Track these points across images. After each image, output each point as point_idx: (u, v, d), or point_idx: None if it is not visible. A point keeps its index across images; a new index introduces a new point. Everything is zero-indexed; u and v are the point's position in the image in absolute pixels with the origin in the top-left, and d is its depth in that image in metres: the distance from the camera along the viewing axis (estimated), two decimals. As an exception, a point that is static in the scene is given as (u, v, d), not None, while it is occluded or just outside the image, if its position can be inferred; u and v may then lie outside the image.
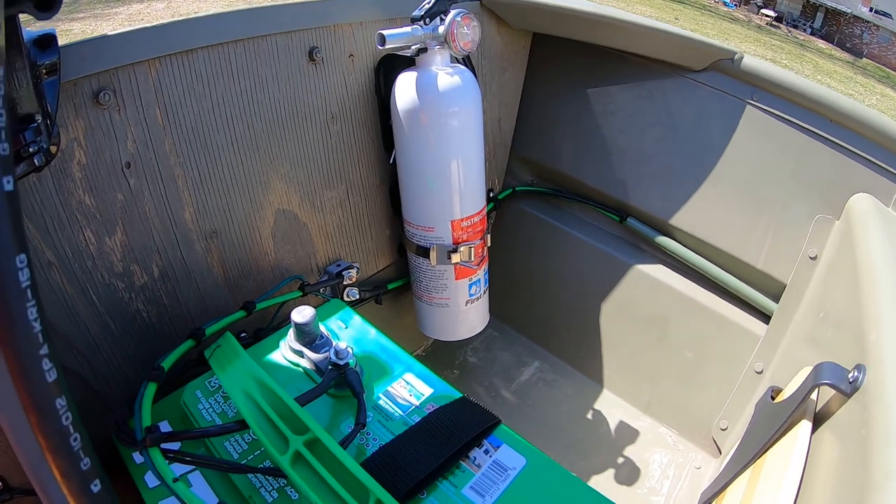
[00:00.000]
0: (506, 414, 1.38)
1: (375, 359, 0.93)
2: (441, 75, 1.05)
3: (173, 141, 0.90)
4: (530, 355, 1.53)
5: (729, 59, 1.15)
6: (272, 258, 1.10)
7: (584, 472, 1.25)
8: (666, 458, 1.28)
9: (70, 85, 0.77)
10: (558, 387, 1.44)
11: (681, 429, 1.33)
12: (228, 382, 0.74)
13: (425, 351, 1.55)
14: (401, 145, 1.12)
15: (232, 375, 0.75)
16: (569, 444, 1.31)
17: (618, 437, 1.33)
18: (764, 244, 1.19)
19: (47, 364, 0.33)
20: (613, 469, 1.26)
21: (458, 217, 1.13)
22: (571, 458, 1.27)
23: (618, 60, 1.29)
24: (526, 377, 1.47)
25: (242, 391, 0.72)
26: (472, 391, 1.44)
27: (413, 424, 0.81)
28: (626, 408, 1.39)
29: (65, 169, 0.80)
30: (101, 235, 0.86)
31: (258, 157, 1.02)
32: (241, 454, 0.76)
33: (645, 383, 1.37)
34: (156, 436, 0.66)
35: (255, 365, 0.75)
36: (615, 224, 1.40)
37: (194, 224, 0.97)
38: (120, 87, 0.82)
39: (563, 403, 1.40)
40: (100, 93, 0.79)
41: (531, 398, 1.42)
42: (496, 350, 1.53)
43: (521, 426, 1.34)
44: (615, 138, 1.35)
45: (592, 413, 1.37)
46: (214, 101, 0.93)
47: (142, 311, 0.94)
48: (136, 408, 0.72)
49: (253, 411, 0.70)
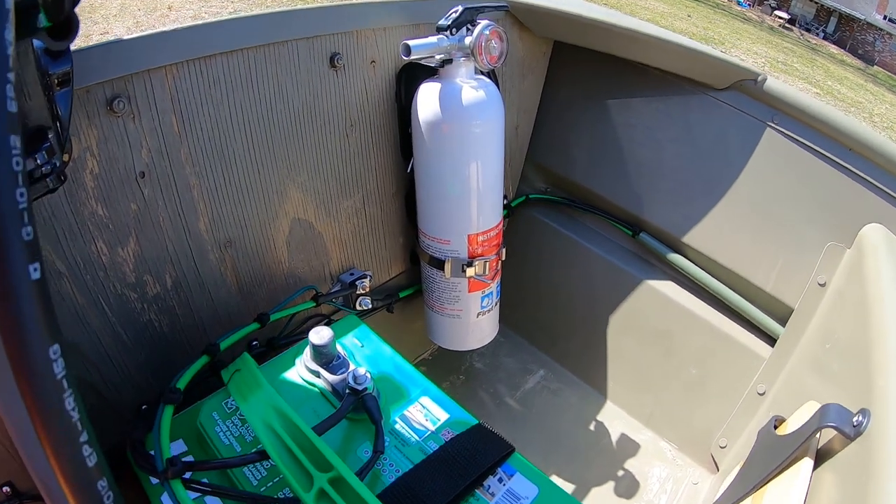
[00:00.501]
0: (510, 422, 1.36)
1: (392, 381, 0.90)
2: (466, 88, 1.00)
3: (189, 149, 0.85)
4: (536, 363, 1.50)
5: (752, 80, 1.11)
6: (286, 267, 1.06)
7: (585, 484, 1.23)
8: (665, 472, 1.27)
9: (83, 92, 0.72)
10: (562, 396, 1.42)
11: (681, 444, 1.32)
12: (250, 412, 0.71)
13: (432, 355, 1.52)
14: (420, 156, 1.07)
15: (253, 405, 0.71)
16: (570, 455, 1.29)
17: (619, 449, 1.31)
18: (774, 268, 1.17)
19: (87, 450, 0.34)
20: (613, 481, 1.25)
21: (475, 231, 1.10)
22: (573, 469, 1.26)
23: (639, 73, 1.24)
24: (531, 385, 1.45)
25: (264, 422, 0.69)
26: (478, 397, 1.41)
27: (431, 453, 0.78)
28: (627, 420, 1.37)
29: (77, 178, 0.75)
30: (113, 246, 0.82)
31: (275, 166, 0.97)
32: (259, 480, 0.73)
33: (648, 396, 1.35)
34: (178, 468, 0.63)
35: (275, 395, 0.72)
36: (627, 238, 1.36)
37: (209, 234, 0.92)
38: (135, 94, 0.77)
39: (566, 413, 1.38)
40: (114, 100, 0.74)
41: (535, 406, 1.40)
42: (502, 356, 1.50)
43: (524, 435, 1.33)
44: (633, 151, 1.30)
45: (595, 424, 1.36)
46: (232, 108, 0.88)
47: (154, 321, 0.90)
48: (154, 435, 0.68)
49: (275, 444, 0.67)
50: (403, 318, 1.29)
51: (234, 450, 0.76)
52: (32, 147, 0.61)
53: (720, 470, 1.23)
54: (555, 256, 1.45)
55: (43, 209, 0.74)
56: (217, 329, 0.99)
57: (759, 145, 1.14)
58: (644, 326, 1.34)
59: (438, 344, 1.24)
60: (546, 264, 1.46)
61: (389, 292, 1.27)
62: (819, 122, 1.07)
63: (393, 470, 0.77)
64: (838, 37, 15.43)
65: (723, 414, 1.24)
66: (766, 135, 1.13)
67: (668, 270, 1.33)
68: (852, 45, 15.69)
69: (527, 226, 1.45)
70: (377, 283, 1.26)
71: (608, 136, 1.33)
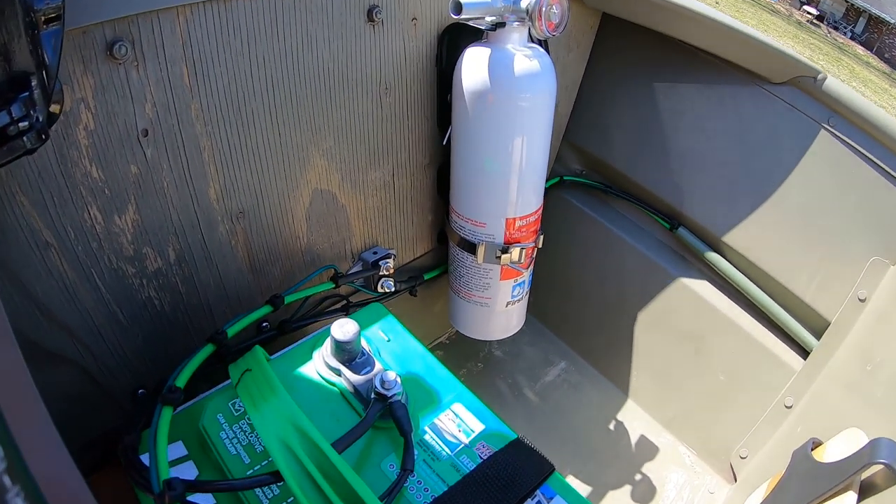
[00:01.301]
0: (528, 416, 1.26)
1: (421, 383, 0.78)
2: (518, 56, 0.85)
3: (200, 105, 0.70)
4: (557, 354, 1.38)
5: (811, 77, 0.99)
6: (304, 243, 0.93)
7: (601, 486, 1.14)
8: (682, 478, 1.18)
9: (78, 33, 0.57)
10: (583, 391, 1.31)
11: (700, 450, 1.22)
12: (263, 426, 0.58)
13: (450, 339, 1.40)
14: (459, 127, 0.93)
15: (267, 417, 0.59)
16: (588, 454, 1.19)
17: (637, 451, 1.22)
18: (815, 277, 1.06)
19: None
20: (630, 485, 1.15)
21: (514, 215, 0.96)
22: (589, 470, 1.16)
23: (692, 57, 1.10)
24: (551, 378, 1.34)
25: (279, 440, 0.57)
26: (496, 387, 1.30)
27: (467, 474, 0.67)
28: (648, 421, 1.27)
29: (68, 135, 0.61)
30: (109, 214, 0.68)
31: (299, 129, 0.82)
32: (271, 500, 0.62)
33: (671, 399, 1.25)
34: (176, 493, 0.52)
35: (293, 406, 0.60)
36: (664, 231, 1.23)
37: (219, 203, 0.79)
38: (140, 38, 0.62)
39: (586, 410, 1.28)
40: (115, 44, 0.60)
41: (554, 401, 1.29)
42: (523, 345, 1.38)
43: (542, 430, 1.23)
44: (677, 140, 1.16)
45: (615, 423, 1.25)
46: (253, 60, 0.73)
47: (154, 299, 0.77)
48: (150, 445, 0.56)
49: (293, 468, 0.55)
50: (423, 300, 1.17)
51: (242, 461, 0.65)
52: (6, 97, 0.47)
53: (738, 480, 1.14)
54: (586, 243, 1.31)
55: (28, 169, 0.60)
56: (224, 309, 0.86)
57: (812, 147, 1.02)
58: (674, 326, 1.22)
59: (460, 331, 1.13)
60: (576, 251, 1.33)
61: (413, 273, 1.14)
62: (877, 130, 0.96)
63: (422, 489, 0.66)
64: (866, 38, 14.79)
65: (746, 423, 1.14)
66: (819, 136, 1.01)
67: (704, 269, 1.20)
68: (879, 48, 15.00)
69: (558, 209, 1.31)
70: (400, 262, 1.12)
71: (652, 121, 1.18)
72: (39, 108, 0.49)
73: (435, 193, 1.10)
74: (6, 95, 0.46)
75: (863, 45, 14.36)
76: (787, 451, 0.99)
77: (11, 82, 0.46)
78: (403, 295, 1.12)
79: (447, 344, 1.39)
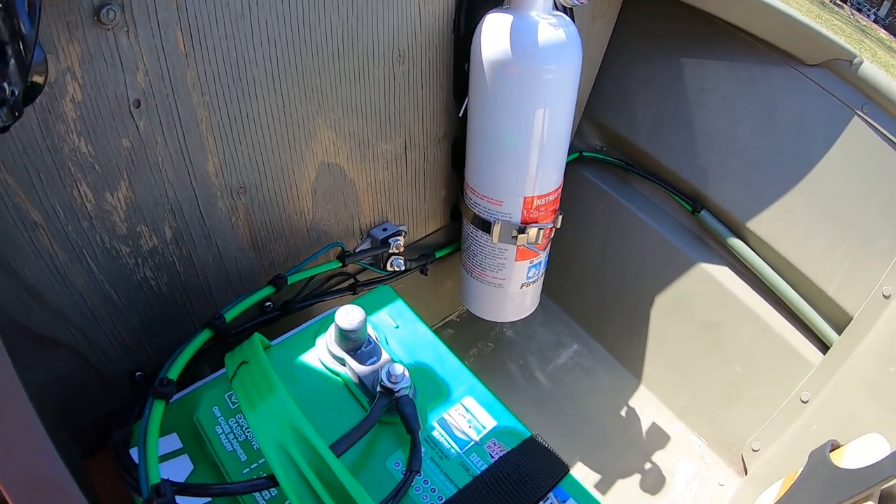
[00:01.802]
0: (538, 399, 1.22)
1: (431, 374, 0.74)
2: (543, 25, 0.78)
3: (197, 74, 0.65)
4: (570, 336, 1.34)
5: (847, 60, 0.93)
6: (309, 218, 0.88)
7: (610, 474, 1.12)
8: (692, 469, 1.15)
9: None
10: (595, 376, 1.28)
11: (711, 441, 1.19)
12: (258, 426, 0.55)
13: (460, 317, 1.36)
14: (477, 99, 0.87)
15: (263, 417, 0.55)
16: (598, 441, 1.17)
17: (648, 439, 1.19)
18: (839, 270, 1.01)
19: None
20: (640, 475, 1.13)
21: (532, 194, 0.91)
22: (599, 457, 1.14)
23: (722, 33, 1.02)
24: (563, 360, 1.30)
25: (276, 443, 0.54)
26: (506, 369, 1.27)
27: (478, 475, 0.63)
28: (660, 409, 1.24)
29: (54, 107, 0.56)
30: (100, 191, 0.63)
31: (304, 99, 0.76)
32: (268, 501, 0.59)
33: (685, 388, 1.21)
34: (165, 500, 0.48)
35: (293, 406, 0.56)
36: (686, 213, 1.17)
37: (218, 178, 0.74)
38: (130, 1, 0.56)
39: (597, 395, 1.24)
40: (102, 8, 0.54)
41: (566, 385, 1.25)
42: (535, 325, 1.34)
43: (552, 415, 1.20)
44: (703, 120, 1.09)
45: (626, 410, 1.22)
46: (255, 24, 0.66)
47: (149, 279, 0.73)
48: (139, 444, 0.53)
49: (291, 476, 0.52)
50: (434, 277, 1.13)
51: (238, 459, 0.61)
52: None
53: (749, 473, 1.12)
54: (604, 223, 1.26)
55: (11, 145, 0.55)
56: (224, 288, 0.82)
57: (844, 134, 0.96)
58: (692, 313, 1.17)
59: (472, 311, 1.09)
60: (594, 230, 1.28)
61: (424, 251, 1.09)
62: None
63: (429, 489, 0.62)
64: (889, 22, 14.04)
65: (760, 416, 1.11)
66: (852, 123, 0.95)
67: (726, 255, 1.15)
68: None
69: (576, 185, 1.25)
70: (411, 239, 1.07)
71: (678, 98, 1.11)
72: (14, 81, 0.44)
73: (449, 168, 1.04)
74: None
75: (886, 29, 13.70)
76: (801, 447, 0.96)
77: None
78: (413, 273, 1.08)
79: (457, 322, 1.35)
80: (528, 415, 0.76)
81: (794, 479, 0.92)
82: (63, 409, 0.72)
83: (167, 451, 0.62)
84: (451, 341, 0.78)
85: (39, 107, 0.55)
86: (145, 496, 0.49)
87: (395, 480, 0.62)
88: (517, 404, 1.17)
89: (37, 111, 0.55)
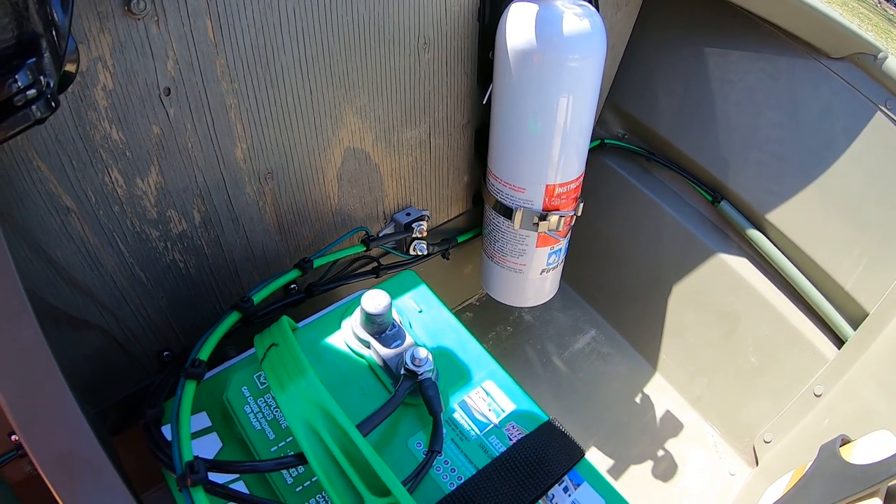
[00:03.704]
0: (555, 385, 1.22)
1: (453, 358, 0.74)
2: (568, 15, 0.77)
3: (226, 61, 0.64)
4: (588, 322, 1.34)
5: (872, 55, 0.91)
6: (334, 203, 0.88)
7: (623, 461, 1.12)
8: (703, 458, 1.15)
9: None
10: (612, 363, 1.27)
11: (724, 431, 1.18)
12: (288, 407, 0.56)
13: (479, 301, 1.36)
14: (501, 86, 0.85)
15: (293, 397, 0.56)
16: (613, 428, 1.17)
17: (662, 427, 1.19)
18: (857, 266, 0.99)
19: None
20: (652, 462, 1.13)
21: (554, 182, 0.90)
22: (613, 444, 1.14)
23: (746, 24, 0.99)
24: (580, 346, 1.30)
25: (306, 423, 0.55)
26: (524, 353, 1.27)
27: (496, 457, 0.64)
28: (675, 397, 1.23)
29: (86, 96, 0.56)
30: (131, 176, 0.64)
31: (331, 86, 0.76)
32: (295, 479, 0.60)
33: (700, 377, 1.20)
34: (199, 476, 0.50)
35: (321, 388, 0.57)
36: (706, 204, 1.15)
37: (246, 163, 0.74)
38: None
39: (614, 382, 1.24)
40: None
41: (583, 371, 1.25)
42: (554, 311, 1.33)
43: (568, 400, 1.20)
44: (726, 111, 1.07)
45: (641, 397, 1.22)
46: (283, 12, 0.66)
47: (178, 262, 0.74)
48: (172, 423, 0.54)
49: (319, 453, 0.53)
50: (454, 261, 1.13)
51: (267, 437, 0.63)
52: (12, 65, 0.42)
53: (759, 464, 1.11)
54: (624, 210, 1.24)
55: (44, 133, 0.55)
56: (250, 270, 0.83)
57: (866, 129, 0.94)
58: (710, 303, 1.16)
59: (492, 295, 1.08)
60: (614, 218, 1.26)
61: (446, 236, 1.09)
62: None
63: (449, 469, 0.64)
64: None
65: (774, 408, 1.10)
66: (875, 119, 0.93)
67: (745, 247, 1.13)
68: (931, 25, 13.53)
69: (598, 173, 1.23)
70: (433, 224, 1.07)
71: (701, 88, 1.08)
72: (49, 72, 0.44)
73: (472, 154, 1.03)
74: (11, 62, 0.41)
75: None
76: (812, 440, 0.96)
77: (18, 47, 0.41)
78: (435, 257, 1.08)
79: (477, 306, 1.35)
80: (545, 398, 0.76)
81: (804, 471, 0.91)
82: (90, 387, 0.74)
83: (197, 430, 0.63)
84: (470, 325, 0.78)
85: (71, 95, 0.55)
86: (179, 473, 0.50)
87: (416, 460, 0.63)
88: (534, 388, 1.17)
89: (69, 100, 0.55)
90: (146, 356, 0.78)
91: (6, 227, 0.57)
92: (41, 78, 0.43)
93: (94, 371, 0.73)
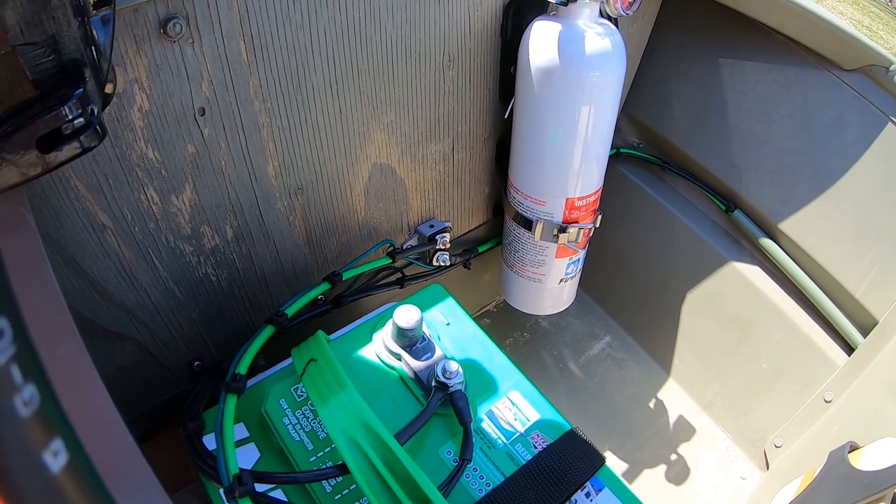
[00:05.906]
0: (571, 389, 1.21)
1: (480, 369, 0.73)
2: (590, 34, 0.75)
3: (259, 82, 0.63)
4: (603, 328, 1.31)
5: (884, 67, 0.88)
6: (361, 216, 0.86)
7: (636, 465, 1.10)
8: (715, 462, 1.13)
9: (129, 11, 0.49)
10: (626, 368, 1.25)
11: (735, 435, 1.16)
12: (331, 421, 0.55)
13: (497, 307, 1.34)
14: (523, 101, 0.83)
15: (335, 412, 0.55)
16: (626, 432, 1.15)
17: (675, 431, 1.16)
18: (868, 274, 0.96)
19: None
20: (665, 465, 1.11)
21: (574, 195, 0.88)
22: (627, 448, 1.12)
23: (760, 35, 0.96)
24: (595, 352, 1.27)
25: (347, 436, 0.54)
26: (540, 359, 1.25)
27: (523, 466, 0.64)
28: (687, 402, 1.21)
29: (123, 117, 0.55)
30: (166, 194, 0.63)
31: (360, 104, 0.74)
32: (334, 487, 0.60)
33: (713, 382, 1.18)
34: (246, 488, 0.49)
35: (362, 402, 0.56)
36: (719, 212, 1.12)
37: (278, 179, 0.72)
38: (195, 14, 0.54)
39: (628, 387, 1.22)
40: (168, 21, 0.52)
41: (598, 376, 1.23)
42: (569, 317, 1.31)
43: (584, 404, 1.18)
44: (739, 120, 1.04)
45: (654, 402, 1.20)
46: (314, 33, 0.64)
47: (210, 275, 0.73)
48: (216, 437, 0.53)
49: (361, 464, 0.52)
50: (474, 268, 1.11)
51: (305, 447, 0.62)
52: (60, 96, 0.40)
53: (770, 469, 1.09)
54: (639, 218, 1.22)
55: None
56: (279, 282, 0.82)
57: (878, 140, 0.91)
58: (722, 310, 1.13)
59: (511, 303, 1.06)
60: (628, 226, 1.24)
61: (467, 246, 1.07)
62: None
63: (478, 476, 0.63)
64: None
65: (784, 413, 1.07)
66: (886, 130, 0.90)
67: (757, 255, 1.10)
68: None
69: (613, 181, 1.21)
70: (455, 234, 1.05)
71: (715, 98, 1.06)
72: (94, 99, 0.42)
73: (493, 166, 1.01)
74: (58, 92, 0.39)
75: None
76: (822, 445, 0.94)
77: (62, 75, 0.40)
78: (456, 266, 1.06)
79: (494, 312, 1.33)
80: (561, 404, 0.75)
81: (814, 476, 0.90)
82: (122, 397, 0.73)
83: (236, 440, 0.62)
84: (488, 330, 0.77)
85: (108, 116, 0.54)
86: (227, 485, 0.50)
87: (446, 468, 0.63)
88: (551, 392, 1.15)
89: (106, 120, 0.54)
90: (177, 366, 0.77)
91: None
92: (87, 107, 0.41)
93: (127, 382, 0.72)
